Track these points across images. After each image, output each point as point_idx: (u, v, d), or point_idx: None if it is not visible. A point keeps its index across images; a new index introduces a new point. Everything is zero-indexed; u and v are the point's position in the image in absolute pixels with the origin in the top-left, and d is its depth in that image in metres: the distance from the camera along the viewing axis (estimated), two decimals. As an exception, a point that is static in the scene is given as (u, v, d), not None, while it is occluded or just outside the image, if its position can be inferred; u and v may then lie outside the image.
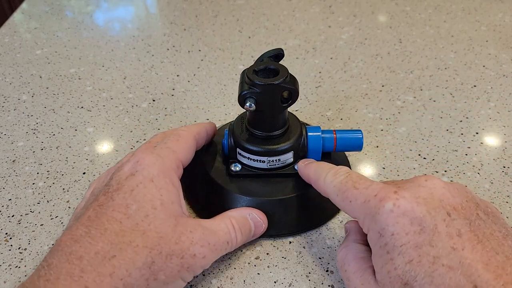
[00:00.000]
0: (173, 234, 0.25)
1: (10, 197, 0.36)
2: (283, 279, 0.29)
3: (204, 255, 0.26)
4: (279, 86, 0.28)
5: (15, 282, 0.29)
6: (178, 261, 0.24)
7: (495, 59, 0.52)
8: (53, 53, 0.55)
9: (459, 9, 0.64)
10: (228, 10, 0.65)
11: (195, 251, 0.25)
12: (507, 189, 0.36)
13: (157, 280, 0.24)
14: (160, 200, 0.26)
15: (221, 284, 0.29)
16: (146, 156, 0.27)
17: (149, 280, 0.24)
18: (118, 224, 0.24)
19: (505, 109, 0.44)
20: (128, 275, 0.23)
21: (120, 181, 0.26)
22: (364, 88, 0.48)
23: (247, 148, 0.32)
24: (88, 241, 0.24)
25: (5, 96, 0.47)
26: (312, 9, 0.65)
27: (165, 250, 0.24)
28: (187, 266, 0.25)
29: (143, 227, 0.24)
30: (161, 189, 0.26)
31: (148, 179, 0.26)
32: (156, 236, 0.24)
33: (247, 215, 0.30)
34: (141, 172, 0.26)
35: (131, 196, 0.25)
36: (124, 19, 0.64)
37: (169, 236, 0.25)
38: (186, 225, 0.26)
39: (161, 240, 0.24)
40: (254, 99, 0.29)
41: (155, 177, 0.26)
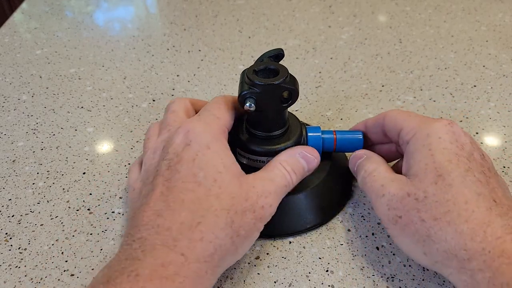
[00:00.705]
0: (242, 192, 0.27)
1: (10, 197, 0.36)
2: (283, 279, 0.29)
3: (271, 204, 0.28)
4: (279, 86, 0.28)
5: (15, 282, 0.29)
6: (252, 215, 0.26)
7: (495, 59, 0.52)
8: (53, 53, 0.55)
9: (459, 9, 0.63)
10: (228, 10, 0.65)
11: (262, 203, 0.27)
12: (507, 189, 0.36)
13: (239, 236, 0.26)
14: (222, 163, 0.27)
15: (221, 284, 0.29)
16: (195, 124, 0.28)
17: (233, 237, 0.26)
18: (192, 193, 0.26)
19: (505, 109, 0.44)
20: (216, 237, 0.25)
21: (178, 153, 0.27)
22: (364, 88, 0.48)
23: (247, 148, 0.32)
24: (171, 213, 0.25)
25: (5, 96, 0.47)
26: (312, 9, 0.65)
27: (240, 208, 0.26)
28: (259, 217, 0.27)
29: (215, 191, 0.26)
30: (219, 153, 0.27)
31: (204, 146, 0.27)
32: (229, 197, 0.26)
33: (296, 155, 0.30)
34: (195, 141, 0.27)
35: (194, 165, 0.26)
36: (124, 19, 0.64)
37: (239, 195, 0.26)
38: (248, 181, 0.27)
39: (234, 200, 0.26)
40: (254, 99, 0.29)
41: (210, 144, 0.27)
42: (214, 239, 0.25)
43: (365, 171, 0.30)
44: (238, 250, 0.27)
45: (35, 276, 0.30)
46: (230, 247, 0.26)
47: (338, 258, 0.31)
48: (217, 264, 0.25)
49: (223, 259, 0.26)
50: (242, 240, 0.26)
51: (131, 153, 0.40)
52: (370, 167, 0.30)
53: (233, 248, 0.26)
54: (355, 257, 0.31)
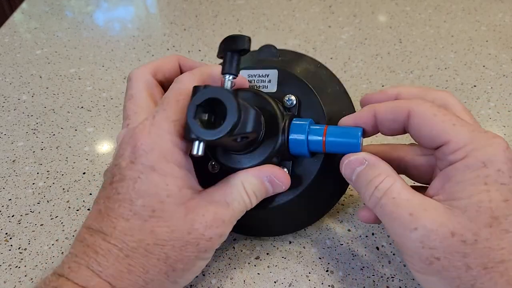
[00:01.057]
0: (185, 225, 0.24)
1: (10, 197, 0.36)
2: (283, 279, 0.29)
3: (221, 234, 0.25)
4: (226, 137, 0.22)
5: (15, 282, 0.29)
6: (193, 248, 0.24)
7: (495, 59, 0.52)
8: (53, 53, 0.55)
9: (459, 9, 0.63)
10: (228, 10, 0.65)
11: (211, 234, 0.24)
12: (507, 189, 0.36)
13: (176, 270, 0.24)
14: (166, 191, 0.23)
15: (221, 284, 0.29)
16: (144, 138, 0.24)
17: (168, 272, 0.24)
18: (126, 221, 0.23)
19: (505, 109, 0.44)
20: (146, 272, 0.23)
21: (121, 171, 0.24)
22: (364, 88, 0.48)
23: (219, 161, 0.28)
24: (101, 237, 0.23)
25: (5, 96, 0.47)
26: (312, 9, 0.65)
27: (178, 243, 0.24)
28: (204, 249, 0.24)
29: (151, 223, 0.23)
30: (166, 178, 0.24)
31: (149, 168, 0.23)
32: (166, 231, 0.23)
33: (263, 178, 0.26)
34: (140, 160, 0.24)
35: (134, 190, 0.23)
36: (124, 19, 0.64)
37: (180, 228, 0.24)
38: (198, 209, 0.24)
39: (173, 234, 0.23)
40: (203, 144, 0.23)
41: (156, 164, 0.23)
42: (143, 274, 0.23)
43: (377, 190, 0.24)
44: (178, 282, 0.25)
45: (35, 276, 0.30)
46: (165, 280, 0.24)
47: (338, 258, 0.31)
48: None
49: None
50: (181, 274, 0.24)
51: (131, 153, 0.40)
52: (385, 184, 0.24)
53: (170, 281, 0.24)
54: (355, 257, 0.31)
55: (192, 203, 0.24)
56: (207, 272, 0.30)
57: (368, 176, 0.25)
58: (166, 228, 0.23)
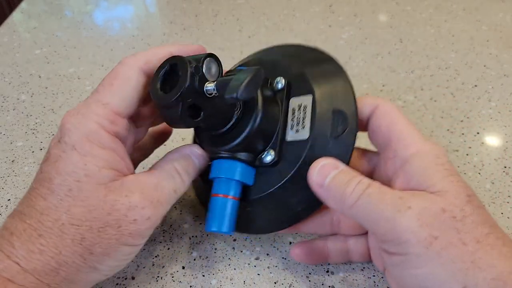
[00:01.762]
0: (104, 205, 0.23)
1: (9, 197, 0.35)
2: (283, 280, 0.29)
3: (148, 216, 0.24)
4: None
5: (14, 283, 0.29)
6: (114, 231, 0.23)
7: (496, 59, 0.52)
8: (52, 53, 0.55)
9: (460, 8, 0.63)
10: (228, 10, 0.65)
11: (135, 216, 0.23)
12: (508, 190, 0.35)
13: (93, 254, 0.23)
14: (84, 170, 0.23)
15: (221, 284, 0.29)
16: (69, 118, 0.24)
17: (84, 255, 0.23)
18: (43, 200, 0.23)
19: (506, 109, 0.44)
20: (59, 253, 0.22)
21: (49, 150, 0.24)
22: (365, 88, 0.48)
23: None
24: (19, 218, 0.23)
25: (4, 96, 0.47)
26: (312, 8, 0.65)
27: (96, 224, 0.23)
28: (128, 232, 0.23)
29: (68, 202, 0.23)
30: (85, 157, 0.23)
31: (70, 146, 0.23)
32: (83, 211, 0.23)
33: (188, 152, 0.27)
34: (64, 139, 0.24)
35: (54, 168, 0.23)
36: (123, 18, 0.64)
37: (99, 208, 0.23)
38: (121, 189, 0.23)
39: (90, 214, 0.23)
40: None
41: (77, 144, 0.23)
42: (56, 255, 0.22)
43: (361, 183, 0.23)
44: (98, 268, 0.24)
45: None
46: (82, 264, 0.23)
47: (338, 258, 0.30)
48: (66, 279, 0.23)
49: (75, 275, 0.23)
50: (100, 258, 0.23)
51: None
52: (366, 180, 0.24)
53: (88, 266, 0.23)
54: (355, 258, 0.31)
55: (115, 184, 0.24)
56: (207, 272, 0.30)
57: (345, 177, 0.24)
58: (82, 208, 0.23)
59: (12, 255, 0.22)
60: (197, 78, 0.24)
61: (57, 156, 0.24)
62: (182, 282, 0.29)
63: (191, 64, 0.24)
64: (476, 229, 0.22)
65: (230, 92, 0.22)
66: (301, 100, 0.28)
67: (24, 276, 0.22)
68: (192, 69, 0.24)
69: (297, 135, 0.27)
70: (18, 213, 0.24)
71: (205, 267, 0.30)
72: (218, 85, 0.24)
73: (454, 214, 0.22)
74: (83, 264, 0.23)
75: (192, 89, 0.24)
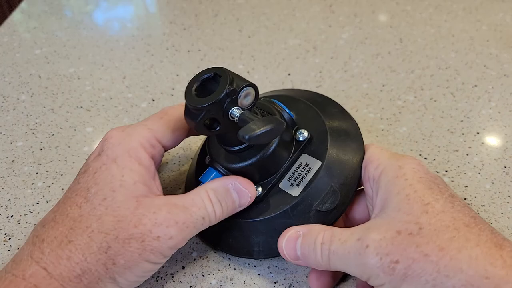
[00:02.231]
0: (132, 217, 0.24)
1: (9, 197, 0.35)
2: (283, 280, 0.29)
3: (171, 236, 0.24)
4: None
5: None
6: (138, 244, 0.24)
7: (496, 59, 0.52)
8: (52, 53, 0.55)
9: (460, 8, 0.63)
10: (228, 10, 0.65)
11: (158, 233, 0.24)
12: (508, 189, 0.35)
13: (116, 264, 0.24)
14: (120, 181, 0.25)
15: (221, 284, 0.29)
16: (114, 133, 0.26)
17: (107, 264, 0.23)
18: (78, 209, 0.24)
19: (506, 109, 0.44)
20: (84, 260, 0.23)
21: (88, 163, 0.26)
22: (365, 88, 0.48)
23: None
24: (52, 225, 0.24)
25: (4, 96, 0.47)
26: (312, 8, 0.65)
27: (122, 234, 0.23)
28: (150, 248, 0.24)
29: (100, 211, 0.24)
30: (124, 169, 0.25)
31: (111, 159, 0.25)
32: (112, 220, 0.24)
33: (229, 185, 0.27)
34: (106, 152, 0.26)
35: (93, 179, 0.25)
36: (123, 18, 0.64)
37: (127, 220, 0.24)
38: (150, 205, 0.24)
39: (118, 224, 0.24)
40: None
41: (118, 157, 0.25)
42: (82, 261, 0.23)
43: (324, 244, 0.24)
44: (118, 280, 0.24)
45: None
46: (104, 274, 0.24)
47: (338, 258, 0.30)
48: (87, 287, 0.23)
49: (96, 285, 0.24)
50: (121, 270, 0.24)
51: (130, 153, 0.40)
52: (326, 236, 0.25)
53: (109, 276, 0.24)
54: (355, 258, 0.30)
55: (146, 200, 0.25)
56: (207, 273, 0.30)
57: (309, 242, 0.25)
58: (112, 218, 0.24)
59: (41, 261, 0.23)
60: (229, 100, 0.25)
61: (96, 168, 0.25)
62: (182, 282, 0.29)
63: (232, 84, 0.25)
64: (437, 236, 0.21)
65: (244, 132, 0.23)
66: (310, 161, 0.29)
67: (50, 282, 0.23)
68: (229, 89, 0.24)
69: (289, 188, 0.28)
70: (50, 221, 0.25)
71: (205, 267, 0.30)
72: (241, 117, 0.25)
73: (409, 231, 0.22)
74: (105, 273, 0.24)
75: (220, 106, 0.25)
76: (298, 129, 0.30)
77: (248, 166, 0.28)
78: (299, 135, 0.30)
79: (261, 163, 0.28)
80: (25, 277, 0.23)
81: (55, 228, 0.24)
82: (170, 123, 0.28)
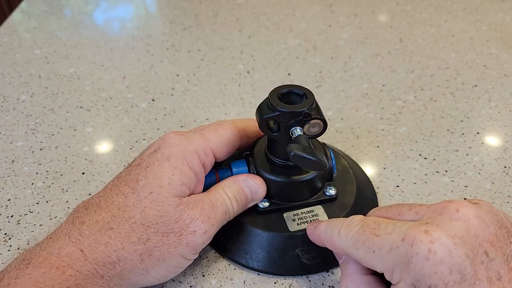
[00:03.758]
0: (174, 214, 0.25)
1: (9, 197, 0.35)
2: (283, 280, 0.29)
3: (205, 230, 0.26)
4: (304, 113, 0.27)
5: (14, 283, 0.29)
6: (175, 238, 0.25)
7: (496, 59, 0.52)
8: (52, 53, 0.55)
9: (460, 8, 0.63)
10: (228, 10, 0.65)
11: (195, 228, 0.25)
12: (508, 189, 0.35)
13: (152, 256, 0.25)
14: (169, 179, 0.26)
15: (221, 284, 0.29)
16: (173, 135, 0.28)
17: (143, 255, 0.25)
18: (124, 198, 0.25)
19: (506, 109, 0.44)
20: (122, 248, 0.24)
21: (143, 157, 0.27)
22: (365, 87, 0.48)
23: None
24: (95, 210, 0.25)
25: (4, 96, 0.47)
26: (312, 8, 0.65)
27: (163, 228, 0.25)
28: (186, 242, 0.25)
29: (145, 203, 0.25)
30: (175, 169, 0.26)
31: (166, 157, 0.26)
32: (155, 215, 0.25)
33: (241, 182, 0.29)
34: (162, 150, 0.27)
35: (144, 172, 0.26)
36: (123, 18, 0.64)
37: (169, 215, 0.25)
38: (188, 203, 0.26)
39: (161, 219, 0.25)
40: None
41: (172, 157, 0.26)
42: (119, 249, 0.24)
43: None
44: (150, 272, 0.25)
45: (34, 277, 0.29)
46: (138, 264, 0.25)
47: (338, 258, 0.30)
48: (118, 274, 0.24)
49: (128, 273, 0.25)
50: (156, 262, 0.25)
51: (130, 153, 0.40)
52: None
53: (142, 267, 0.25)
54: (355, 258, 0.30)
55: (185, 200, 0.26)
56: (207, 273, 0.30)
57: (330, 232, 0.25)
58: (156, 212, 0.25)
59: (78, 242, 0.24)
60: (300, 119, 0.27)
61: (149, 163, 0.26)
62: (182, 282, 0.29)
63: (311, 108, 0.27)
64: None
65: (293, 148, 0.25)
66: (321, 214, 0.31)
67: (84, 264, 0.23)
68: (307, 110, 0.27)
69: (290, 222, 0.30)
70: (94, 205, 0.26)
71: (205, 267, 0.30)
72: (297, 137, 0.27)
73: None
74: (139, 264, 0.25)
75: (291, 117, 0.27)
76: (330, 184, 0.32)
77: (275, 181, 0.30)
78: (327, 189, 0.32)
79: (286, 186, 0.30)
80: (60, 255, 0.23)
81: (98, 213, 0.25)
82: (224, 136, 0.29)
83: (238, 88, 0.48)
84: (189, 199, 0.26)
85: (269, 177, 0.30)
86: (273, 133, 0.28)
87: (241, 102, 0.46)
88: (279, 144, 0.29)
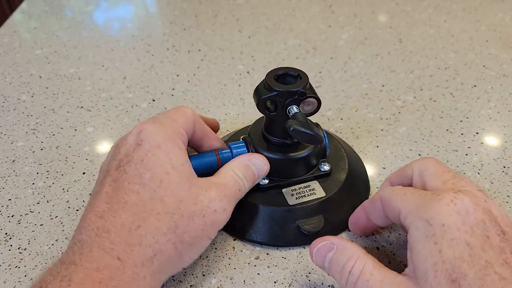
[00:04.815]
0: (190, 196, 0.26)
1: (10, 197, 0.36)
2: (283, 279, 0.29)
3: (225, 208, 0.27)
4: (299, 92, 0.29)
5: (15, 282, 0.29)
6: (200, 220, 0.26)
7: (495, 59, 0.52)
8: (52, 53, 0.55)
9: (460, 8, 0.63)
10: (228, 10, 0.65)
11: (215, 207, 0.26)
12: (507, 189, 0.36)
13: (183, 242, 0.25)
14: (170, 164, 0.26)
15: (221, 284, 0.29)
16: (148, 125, 0.28)
17: (176, 243, 0.25)
18: (136, 194, 0.25)
19: (505, 109, 0.44)
20: (156, 242, 0.24)
21: (129, 153, 0.27)
22: (365, 88, 0.48)
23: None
24: (112, 215, 0.24)
25: (4, 96, 0.47)
26: (312, 8, 0.65)
27: (186, 212, 0.25)
28: (210, 222, 0.26)
29: (160, 193, 0.25)
30: (170, 153, 0.27)
31: (155, 146, 0.26)
32: (174, 201, 0.25)
33: (247, 161, 0.30)
34: (147, 141, 0.27)
35: (142, 166, 0.26)
36: (123, 18, 0.64)
37: (187, 198, 0.26)
38: (200, 185, 0.27)
39: (180, 203, 0.25)
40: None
41: (161, 143, 0.27)
42: (153, 244, 0.24)
43: (351, 275, 0.24)
44: (183, 258, 0.26)
45: (35, 276, 0.30)
46: (173, 253, 0.25)
47: (338, 258, 0.31)
48: (157, 269, 0.24)
49: (165, 264, 0.25)
50: (187, 247, 0.25)
51: (131, 153, 0.40)
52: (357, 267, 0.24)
53: (176, 254, 0.25)
54: (355, 257, 0.31)
55: (194, 181, 0.27)
56: (207, 272, 0.30)
57: (340, 261, 0.25)
58: (173, 198, 0.25)
59: (112, 251, 0.23)
60: (296, 98, 0.29)
61: (142, 156, 0.26)
62: (182, 282, 0.29)
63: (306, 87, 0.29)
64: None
65: (292, 123, 0.27)
66: (317, 188, 0.33)
67: (124, 271, 0.23)
68: (302, 89, 0.29)
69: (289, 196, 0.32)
70: (108, 211, 0.25)
71: (205, 266, 0.30)
72: (294, 115, 0.28)
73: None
74: (174, 252, 0.25)
75: (287, 96, 0.29)
76: (324, 161, 0.34)
77: (273, 159, 0.31)
78: (322, 165, 0.33)
79: (283, 163, 0.32)
80: (100, 269, 0.23)
81: (117, 217, 0.24)
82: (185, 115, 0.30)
83: (238, 89, 0.48)
84: (199, 182, 0.27)
85: (267, 155, 0.31)
86: (271, 112, 0.30)
87: (241, 102, 0.46)
88: (277, 124, 0.31)
